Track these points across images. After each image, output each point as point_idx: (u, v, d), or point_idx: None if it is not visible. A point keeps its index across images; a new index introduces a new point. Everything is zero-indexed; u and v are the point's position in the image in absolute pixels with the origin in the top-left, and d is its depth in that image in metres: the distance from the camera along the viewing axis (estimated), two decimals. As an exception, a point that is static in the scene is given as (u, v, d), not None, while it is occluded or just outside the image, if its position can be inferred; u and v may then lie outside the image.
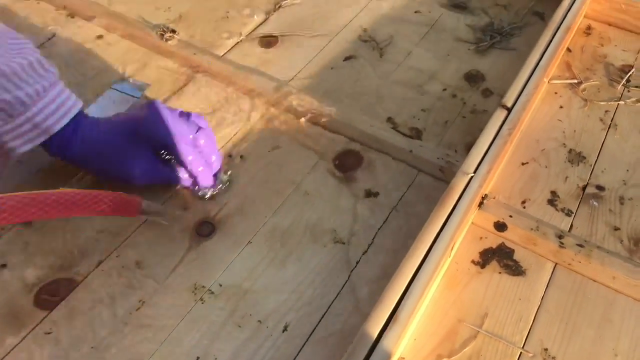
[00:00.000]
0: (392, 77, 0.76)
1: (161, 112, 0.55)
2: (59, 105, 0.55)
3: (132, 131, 0.57)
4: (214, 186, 0.61)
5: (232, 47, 0.80)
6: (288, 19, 0.85)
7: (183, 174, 0.58)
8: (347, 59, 0.79)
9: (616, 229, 0.59)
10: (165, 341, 0.50)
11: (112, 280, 0.54)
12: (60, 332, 0.51)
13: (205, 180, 0.59)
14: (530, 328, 0.51)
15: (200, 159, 0.58)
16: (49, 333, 0.50)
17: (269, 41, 0.81)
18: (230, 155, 0.65)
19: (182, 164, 0.57)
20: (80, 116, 0.57)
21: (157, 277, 0.54)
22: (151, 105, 0.56)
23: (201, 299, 0.53)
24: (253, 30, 0.83)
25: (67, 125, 0.55)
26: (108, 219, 0.59)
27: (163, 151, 0.57)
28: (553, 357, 0.50)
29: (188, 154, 0.56)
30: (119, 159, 0.57)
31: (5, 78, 0.51)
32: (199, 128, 0.58)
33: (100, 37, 0.80)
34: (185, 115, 0.58)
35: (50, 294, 0.53)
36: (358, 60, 0.78)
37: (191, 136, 0.57)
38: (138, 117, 0.57)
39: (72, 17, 0.83)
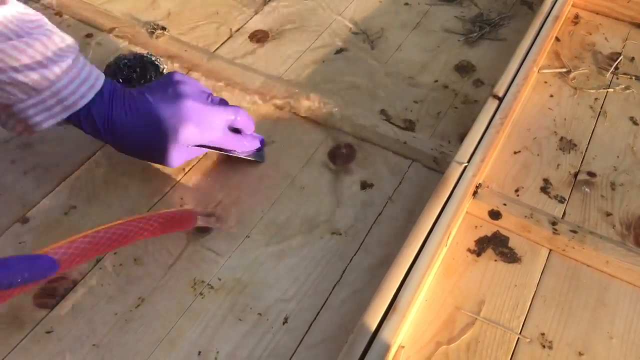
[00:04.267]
0: (383, 69, 0.76)
1: (195, 108, 0.55)
2: (83, 80, 0.52)
3: (168, 119, 0.55)
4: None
5: (222, 43, 0.80)
6: (278, 14, 0.85)
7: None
8: (338, 52, 0.79)
9: (608, 214, 0.60)
10: (166, 337, 0.50)
11: (111, 278, 0.54)
12: (61, 330, 0.51)
13: (250, 145, 0.62)
14: (527, 314, 0.52)
15: (244, 139, 0.61)
16: (49, 332, 0.51)
17: (259, 36, 0.81)
18: (225, 151, 0.65)
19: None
20: (110, 90, 0.55)
21: (155, 274, 0.55)
22: (181, 99, 0.55)
23: (201, 294, 0.53)
24: (243, 26, 0.83)
25: (94, 100, 0.53)
26: (103, 216, 0.59)
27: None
28: (550, 342, 0.50)
29: (235, 146, 0.60)
30: (158, 147, 0.56)
31: (31, 58, 0.49)
32: (233, 108, 0.59)
33: (89, 35, 0.79)
34: (208, 95, 0.58)
35: (50, 293, 0.53)
36: (349, 53, 0.79)
37: (229, 123, 0.58)
38: (172, 107, 0.55)
39: (60, 15, 0.82)
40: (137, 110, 0.54)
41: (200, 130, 0.55)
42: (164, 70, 0.73)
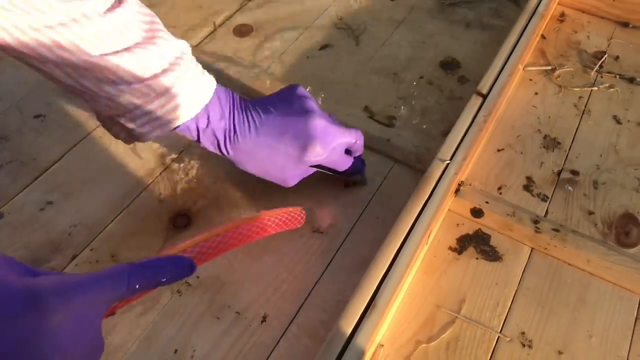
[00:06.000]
0: (368, 65, 0.76)
1: (323, 126, 0.52)
2: (192, 90, 0.49)
3: (297, 135, 0.52)
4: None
5: (206, 37, 0.79)
6: (263, 8, 0.84)
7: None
8: (322, 47, 0.78)
9: (590, 213, 0.60)
10: (142, 335, 0.50)
11: (87, 275, 0.53)
12: (34, 328, 0.50)
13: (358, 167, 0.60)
14: (508, 312, 0.52)
15: (353, 161, 0.58)
16: (22, 330, 0.49)
17: (243, 30, 0.80)
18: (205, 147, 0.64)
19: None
20: (228, 100, 0.52)
21: (133, 271, 0.54)
22: (310, 115, 0.52)
23: (178, 292, 0.52)
24: (227, 20, 0.82)
25: (211, 111, 0.50)
26: (80, 212, 0.58)
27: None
28: (530, 341, 0.50)
29: (346, 168, 0.57)
30: (279, 163, 0.53)
31: (141, 68, 0.46)
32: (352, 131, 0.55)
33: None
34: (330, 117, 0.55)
35: (23, 290, 0.52)
36: (334, 49, 0.78)
37: (348, 145, 0.56)
38: (301, 123, 0.52)
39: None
40: (262, 122, 0.51)
41: (324, 150, 0.52)
42: None
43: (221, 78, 0.71)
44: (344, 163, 0.57)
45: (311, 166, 0.55)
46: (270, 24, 0.81)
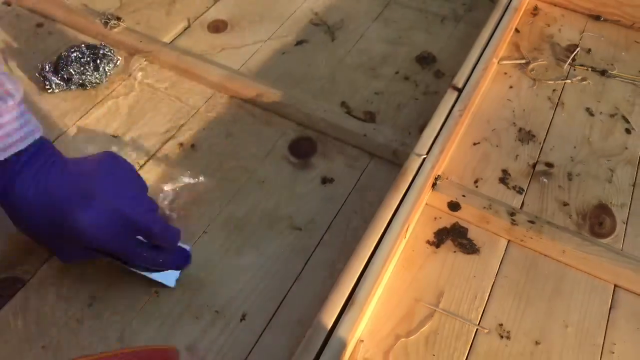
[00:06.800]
0: (344, 61, 0.76)
1: (101, 207, 0.44)
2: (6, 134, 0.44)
3: (67, 208, 0.45)
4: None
5: (180, 34, 0.78)
6: (238, 4, 0.83)
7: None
8: (298, 43, 0.78)
9: (565, 204, 0.60)
10: (119, 337, 0.49)
11: (61, 277, 0.52)
12: (8, 332, 0.49)
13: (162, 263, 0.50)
14: (486, 305, 0.52)
15: (158, 255, 0.49)
16: (-5, 335, 0.48)
17: (218, 26, 0.79)
18: (181, 144, 0.64)
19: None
20: (33, 151, 0.45)
21: (108, 271, 0.53)
22: (94, 188, 0.45)
23: (156, 292, 0.52)
24: (201, 15, 0.81)
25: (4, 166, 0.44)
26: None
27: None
28: (508, 332, 0.51)
29: (140, 261, 0.49)
30: (46, 234, 0.46)
31: None
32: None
33: (40, 25, 0.76)
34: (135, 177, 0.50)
35: (-4, 294, 0.51)
36: (310, 44, 0.78)
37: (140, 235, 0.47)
38: (77, 194, 0.45)
39: (9, 4, 0.79)
40: (45, 180, 0.45)
41: (97, 234, 0.44)
42: (118, 62, 0.71)
43: (194, 75, 0.70)
44: (137, 255, 0.47)
45: (98, 250, 0.47)
46: (245, 19, 0.81)
